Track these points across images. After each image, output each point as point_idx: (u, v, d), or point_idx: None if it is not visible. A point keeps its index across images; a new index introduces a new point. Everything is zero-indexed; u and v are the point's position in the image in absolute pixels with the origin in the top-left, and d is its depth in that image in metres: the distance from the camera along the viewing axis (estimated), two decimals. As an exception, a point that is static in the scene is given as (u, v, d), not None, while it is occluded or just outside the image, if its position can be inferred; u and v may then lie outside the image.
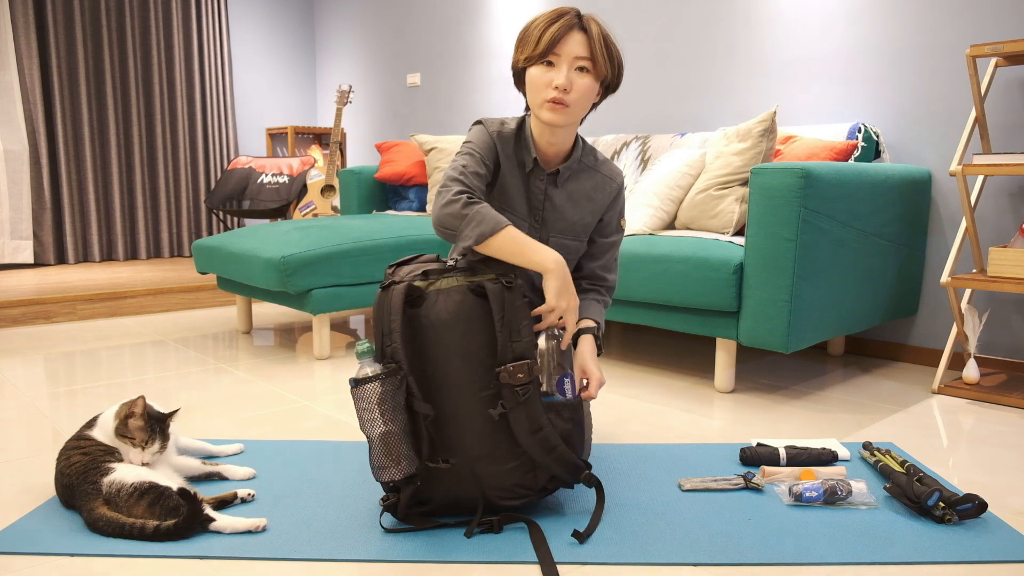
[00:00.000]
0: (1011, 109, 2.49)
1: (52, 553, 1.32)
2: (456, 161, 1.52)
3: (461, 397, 1.37)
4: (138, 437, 1.51)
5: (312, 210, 4.64)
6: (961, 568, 1.28)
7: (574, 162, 1.60)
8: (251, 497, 1.54)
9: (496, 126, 1.58)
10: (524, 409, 1.36)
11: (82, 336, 3.17)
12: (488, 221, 1.41)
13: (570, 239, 1.63)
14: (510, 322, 1.35)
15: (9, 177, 4.62)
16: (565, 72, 1.46)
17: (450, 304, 1.37)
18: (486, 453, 1.38)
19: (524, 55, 1.49)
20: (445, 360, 1.37)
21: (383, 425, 1.32)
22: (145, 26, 5.08)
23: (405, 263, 1.46)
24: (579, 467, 1.43)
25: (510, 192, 1.58)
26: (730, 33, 3.20)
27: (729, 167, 2.53)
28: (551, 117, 1.49)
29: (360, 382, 1.32)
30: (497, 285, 1.37)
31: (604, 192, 1.64)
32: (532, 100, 1.52)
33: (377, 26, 5.15)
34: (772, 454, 1.71)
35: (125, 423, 1.52)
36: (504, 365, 1.34)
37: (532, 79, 1.49)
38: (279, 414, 2.13)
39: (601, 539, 1.37)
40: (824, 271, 2.22)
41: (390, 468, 1.34)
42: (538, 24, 1.48)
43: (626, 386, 2.43)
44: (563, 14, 1.48)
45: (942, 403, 2.26)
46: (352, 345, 3.02)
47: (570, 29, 1.46)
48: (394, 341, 1.35)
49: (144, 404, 1.53)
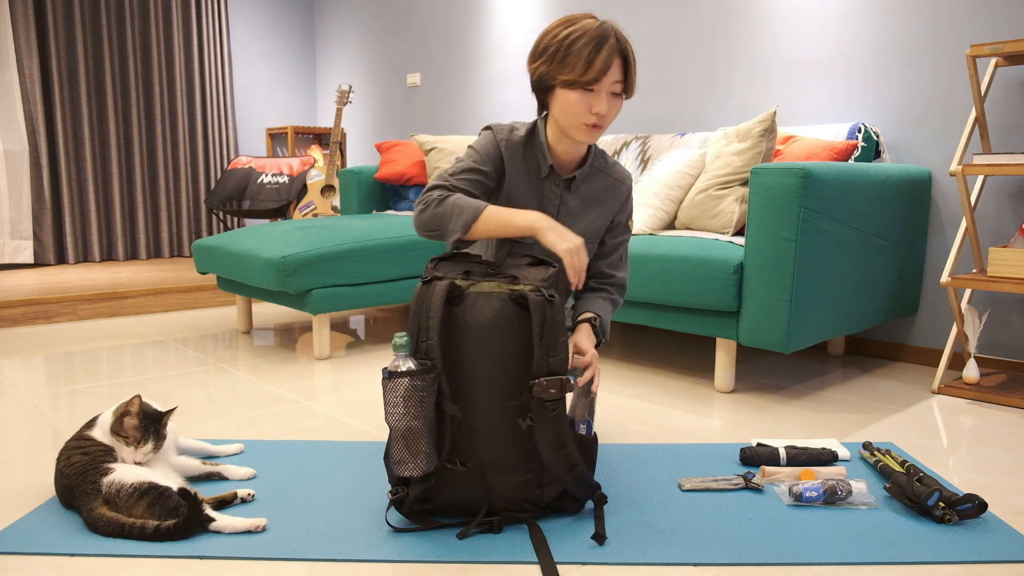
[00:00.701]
0: (1011, 109, 2.49)
1: (52, 553, 1.32)
2: (443, 170, 1.56)
3: (487, 403, 1.37)
4: (131, 436, 1.51)
5: (312, 210, 4.64)
6: (961, 568, 1.28)
7: (588, 167, 1.61)
8: (251, 497, 1.54)
9: (505, 133, 1.57)
10: (552, 424, 1.35)
11: (82, 336, 3.17)
12: (467, 209, 1.45)
13: (584, 242, 1.64)
14: (549, 336, 1.34)
15: (9, 177, 4.62)
16: (605, 99, 1.46)
17: (488, 309, 1.36)
18: (499, 462, 1.38)
19: (565, 76, 1.44)
20: (476, 364, 1.36)
21: (409, 420, 1.32)
22: (145, 26, 5.08)
23: (447, 258, 1.46)
24: (593, 486, 1.45)
25: (521, 200, 1.58)
26: (730, 33, 3.20)
27: (729, 167, 2.53)
28: (586, 139, 1.50)
29: (394, 375, 1.32)
30: (540, 297, 1.34)
31: (615, 195, 1.65)
32: (565, 120, 1.49)
33: (377, 26, 5.15)
34: (772, 454, 1.71)
35: (120, 421, 1.52)
36: (538, 379, 1.33)
37: (570, 102, 1.46)
38: (279, 414, 2.13)
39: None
40: (824, 271, 2.22)
41: (409, 464, 1.34)
42: (582, 46, 1.42)
43: (626, 386, 2.43)
44: (605, 37, 1.43)
45: (942, 403, 2.26)
46: (353, 345, 3.02)
47: (614, 55, 1.44)
48: (431, 338, 1.34)
49: (140, 403, 1.53)
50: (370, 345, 3.03)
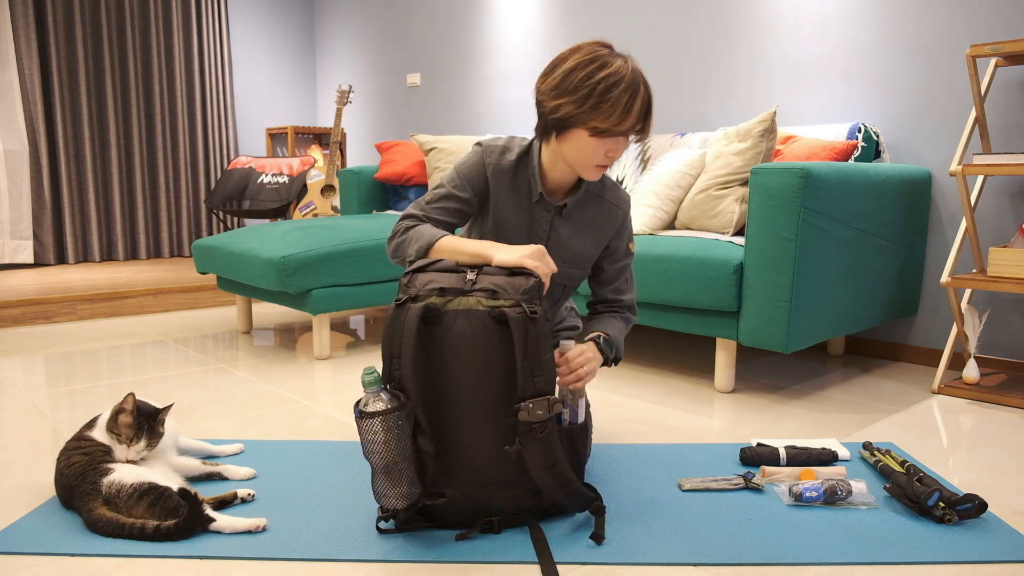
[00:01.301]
0: (1011, 109, 2.49)
1: (52, 553, 1.32)
2: (429, 192, 1.56)
3: (473, 423, 1.33)
4: (124, 434, 1.50)
5: (312, 210, 4.64)
6: (961, 568, 1.28)
7: (580, 194, 1.57)
8: (251, 497, 1.54)
9: (495, 157, 1.54)
10: (540, 445, 1.31)
11: (82, 336, 3.17)
12: (424, 236, 1.46)
13: (574, 268, 1.61)
14: (532, 355, 1.29)
15: (9, 177, 4.62)
16: (623, 144, 1.43)
17: (468, 328, 1.31)
18: (493, 479, 1.36)
19: (597, 124, 1.38)
20: (459, 385, 1.32)
21: (386, 456, 1.28)
22: (145, 26, 5.08)
23: (421, 270, 1.40)
24: (589, 498, 1.42)
25: (509, 226, 1.55)
26: (730, 33, 3.20)
27: (729, 167, 2.53)
28: (595, 177, 1.48)
29: (366, 415, 1.27)
30: (520, 315, 1.29)
31: (610, 220, 1.61)
32: (576, 159, 1.45)
33: (377, 26, 5.15)
34: (772, 454, 1.71)
35: (115, 419, 1.52)
36: (524, 402, 1.29)
37: (587, 145, 1.41)
38: (279, 414, 2.13)
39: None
40: (824, 271, 2.22)
41: (391, 496, 1.31)
42: (618, 95, 1.36)
43: (626, 386, 2.43)
44: (637, 85, 1.38)
45: (942, 403, 2.26)
46: (353, 345, 3.02)
47: (643, 103, 1.40)
48: (403, 366, 1.28)
49: (134, 400, 1.53)
50: (370, 345, 3.03)
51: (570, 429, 1.46)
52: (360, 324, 3.50)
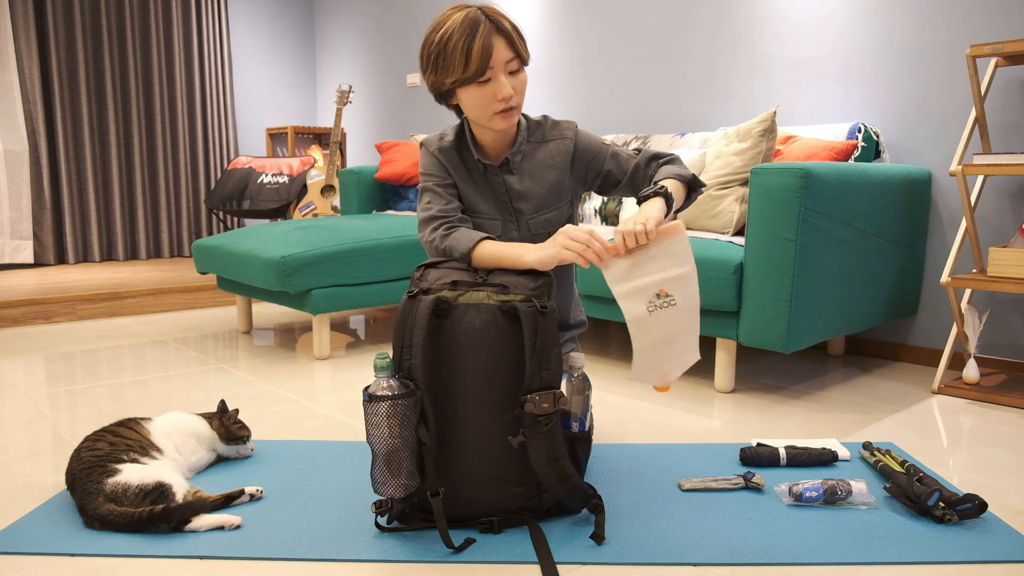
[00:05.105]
0: (1011, 109, 2.49)
1: (52, 553, 1.32)
2: (421, 200, 1.58)
3: (478, 417, 1.34)
4: (244, 433, 1.75)
5: (312, 210, 4.64)
6: (961, 568, 1.28)
7: (520, 146, 1.57)
8: (260, 493, 1.54)
9: (435, 144, 1.59)
10: (544, 438, 1.32)
11: (82, 336, 3.17)
12: (463, 242, 1.47)
13: (549, 211, 1.60)
14: (541, 349, 1.31)
15: (9, 177, 4.62)
16: (504, 81, 1.43)
17: (478, 321, 1.33)
18: (494, 475, 1.36)
19: (451, 78, 1.42)
20: (466, 378, 1.33)
21: (391, 441, 1.29)
22: (145, 26, 5.08)
23: (433, 266, 1.44)
24: (588, 496, 1.43)
25: (472, 199, 1.59)
26: (730, 33, 3.20)
27: (729, 167, 2.53)
28: (505, 124, 1.48)
29: (374, 398, 1.29)
30: (531, 309, 1.31)
31: (562, 152, 1.59)
32: (477, 115, 1.47)
33: (377, 26, 5.15)
34: (772, 454, 1.71)
35: (232, 427, 1.73)
36: (531, 394, 1.30)
37: (472, 98, 1.44)
38: (279, 414, 2.13)
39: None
40: (824, 271, 2.22)
41: (390, 485, 1.31)
42: (455, 44, 1.39)
43: (626, 386, 2.43)
44: (474, 25, 1.39)
45: (942, 403, 2.26)
46: (353, 345, 3.02)
47: (491, 37, 1.40)
48: (413, 356, 1.30)
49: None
50: (370, 345, 3.03)
51: (572, 434, 1.48)
52: (360, 324, 3.50)
